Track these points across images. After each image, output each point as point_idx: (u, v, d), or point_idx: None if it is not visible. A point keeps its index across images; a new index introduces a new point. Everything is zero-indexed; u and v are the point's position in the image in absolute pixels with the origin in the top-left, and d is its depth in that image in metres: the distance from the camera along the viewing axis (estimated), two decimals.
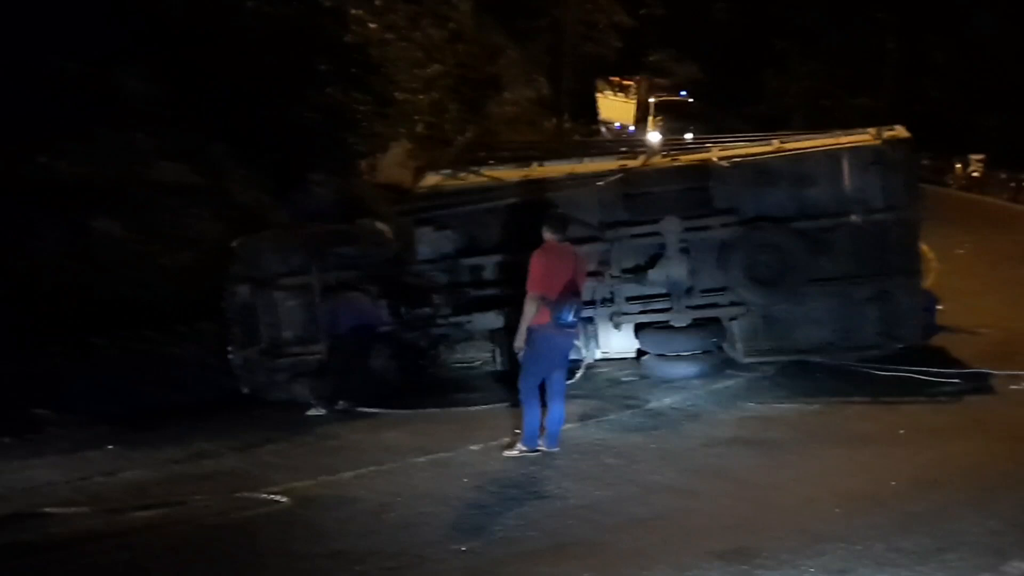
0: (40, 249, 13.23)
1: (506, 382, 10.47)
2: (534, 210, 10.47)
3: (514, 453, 7.86)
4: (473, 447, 8.26)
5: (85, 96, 14.82)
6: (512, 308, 9.99)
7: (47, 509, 7.26)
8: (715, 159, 10.44)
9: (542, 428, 7.86)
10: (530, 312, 7.60)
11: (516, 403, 9.23)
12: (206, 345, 12.14)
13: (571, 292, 7.64)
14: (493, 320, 10.46)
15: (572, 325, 7.70)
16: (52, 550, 6.40)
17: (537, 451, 7.81)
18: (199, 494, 7.39)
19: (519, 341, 7.72)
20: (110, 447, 9.35)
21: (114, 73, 15.23)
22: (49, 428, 10.45)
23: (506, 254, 10.33)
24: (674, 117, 27.64)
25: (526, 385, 7.80)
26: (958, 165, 29.97)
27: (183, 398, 11.28)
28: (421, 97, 19.07)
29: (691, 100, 30.44)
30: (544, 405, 7.85)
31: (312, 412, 10.04)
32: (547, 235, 7.84)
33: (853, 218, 10.04)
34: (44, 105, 14.39)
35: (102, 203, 14.41)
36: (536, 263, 7.66)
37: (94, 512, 7.15)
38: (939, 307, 10.68)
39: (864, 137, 10.38)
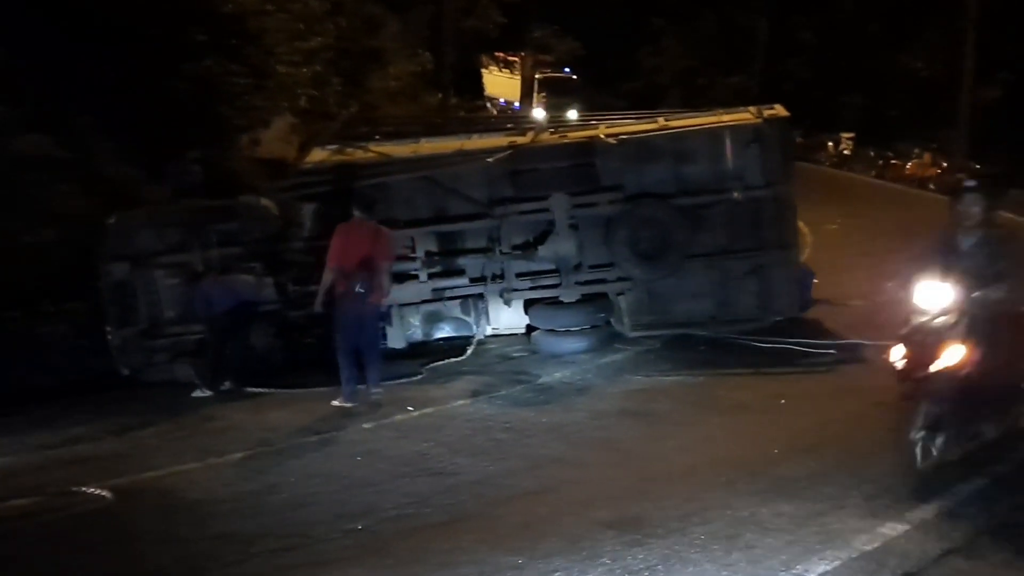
0: None
1: (400, 359, 10.42)
2: (421, 186, 10.47)
3: (336, 403, 8.74)
4: (365, 425, 8.20)
5: None
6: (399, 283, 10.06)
7: None
8: (602, 136, 10.54)
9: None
10: (326, 281, 8.65)
11: (409, 379, 9.32)
12: (76, 325, 11.66)
13: (364, 266, 8.59)
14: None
15: (362, 296, 8.60)
16: None
17: (351, 404, 8.67)
18: (75, 480, 7.11)
19: (317, 304, 8.74)
20: None
21: None
22: None
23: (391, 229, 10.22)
24: (558, 94, 27.72)
25: (338, 349, 8.75)
26: (830, 143, 31.05)
27: (52, 380, 10.82)
28: (303, 70, 18.63)
29: (575, 77, 30.57)
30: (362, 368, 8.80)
31: (196, 394, 9.77)
32: (355, 212, 8.87)
33: (735, 195, 10.28)
34: None
35: None
36: (336, 239, 8.69)
37: None
38: (814, 281, 11.04)
39: (744, 116, 10.64)
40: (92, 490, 6.77)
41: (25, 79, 14.92)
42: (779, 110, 10.68)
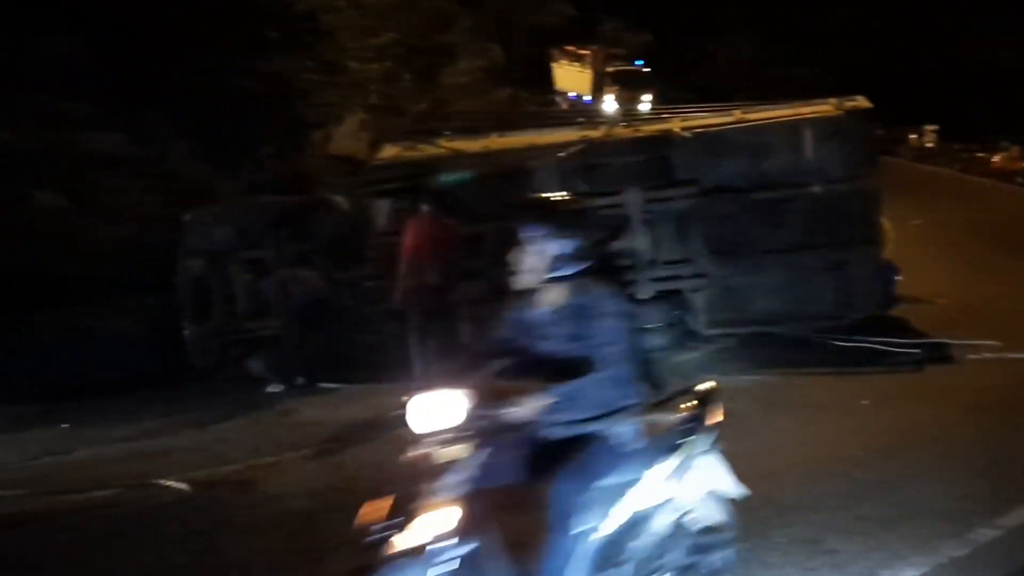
0: None
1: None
2: (495, 182, 10.42)
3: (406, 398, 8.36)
4: None
5: (19, 64, 14.37)
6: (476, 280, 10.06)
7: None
8: (676, 130, 10.38)
9: None
10: (403, 275, 8.87)
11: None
12: (152, 320, 11.89)
13: (437, 260, 8.86)
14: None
15: (440, 287, 8.87)
16: (4, 530, 6.25)
17: None
18: (155, 472, 7.19)
19: (395, 298, 8.98)
20: (64, 425, 9.13)
21: (52, 41, 14.77)
22: None
23: (464, 226, 10.19)
24: (629, 87, 27.43)
25: (411, 338, 8.93)
26: (912, 136, 30.34)
27: (129, 374, 11.04)
28: (374, 66, 18.77)
29: (647, 70, 30.21)
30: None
31: (270, 388, 9.87)
32: (425, 207, 9.10)
33: (815, 189, 10.05)
34: None
35: (39, 174, 14.02)
36: (409, 234, 8.97)
37: (48, 493, 6.96)
38: (897, 277, 10.75)
39: (825, 108, 10.39)
40: (171, 482, 6.85)
41: (102, 79, 15.26)
42: (861, 102, 10.40)
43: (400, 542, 3.15)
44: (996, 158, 26.08)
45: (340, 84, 18.62)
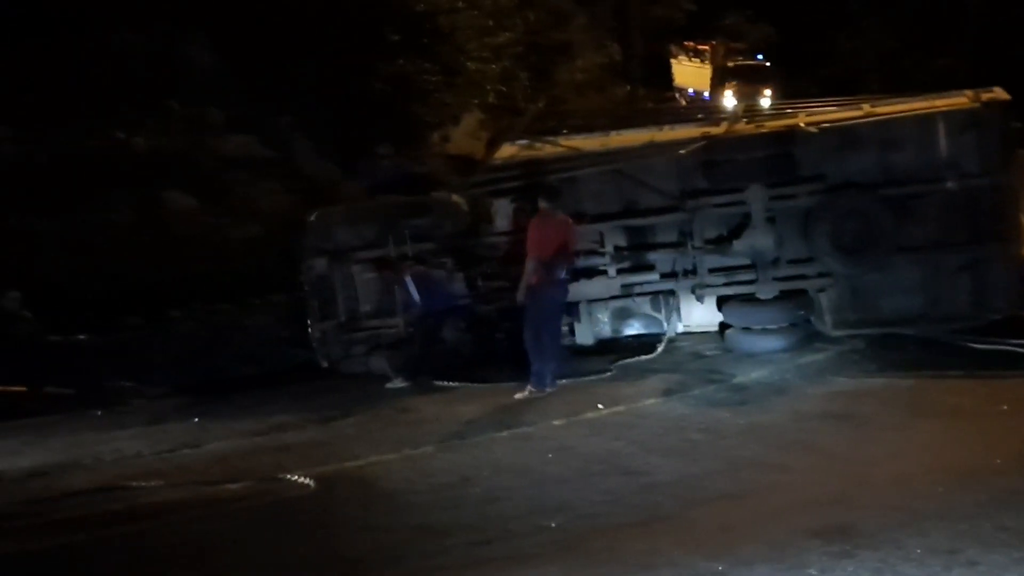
0: (115, 222, 13.46)
1: (588, 355, 10.35)
2: (610, 180, 10.36)
3: (524, 394, 8.98)
4: (556, 422, 8.15)
5: (155, 70, 14.98)
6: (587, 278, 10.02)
7: (136, 482, 7.36)
8: (801, 125, 10.11)
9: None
10: (530, 271, 8.93)
11: (599, 376, 9.29)
12: (279, 317, 12.25)
13: (561, 256, 9.07)
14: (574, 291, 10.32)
15: (563, 281, 9.19)
16: (141, 520, 6.49)
17: (544, 392, 8.96)
18: (281, 467, 7.41)
19: (520, 295, 9.03)
20: (195, 419, 9.48)
21: (182, 46, 15.35)
22: (133, 400, 10.66)
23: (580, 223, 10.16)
24: (750, 82, 26.90)
25: (529, 334, 9.06)
26: None
27: (259, 370, 11.42)
28: (492, 66, 18.89)
29: (767, 64, 29.56)
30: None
31: (391, 385, 10.05)
32: (542, 204, 9.20)
33: (947, 184, 9.65)
34: (116, 79, 14.58)
35: (174, 176, 14.60)
36: (533, 231, 9.03)
37: (181, 484, 7.24)
38: None
39: (960, 100, 9.95)
40: (296, 477, 7.02)
41: (231, 82, 15.81)
42: (999, 93, 9.91)
43: None
44: None
45: (458, 84, 18.80)
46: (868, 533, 5.13)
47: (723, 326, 10.48)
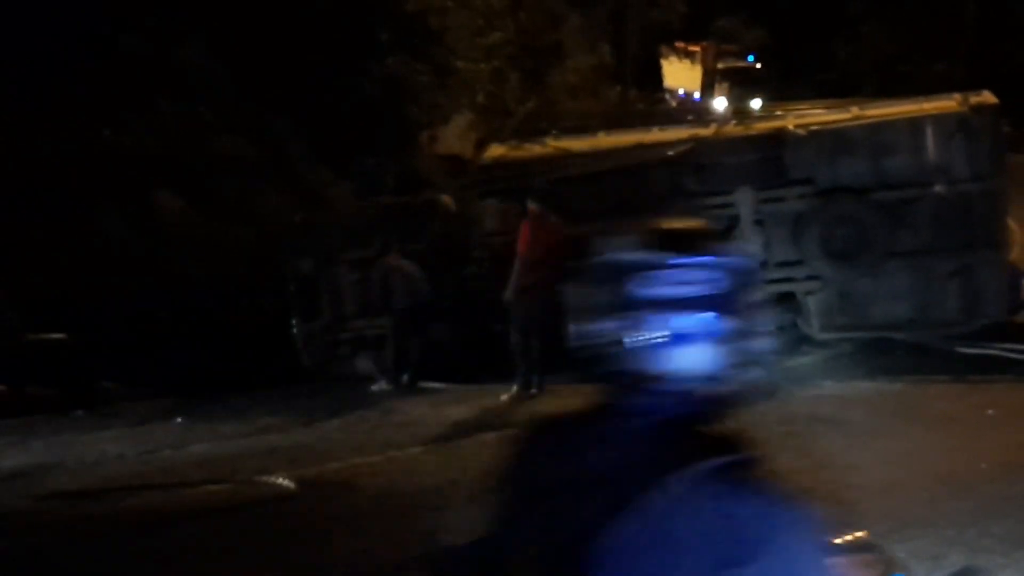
0: (104, 223, 13.38)
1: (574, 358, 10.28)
2: (602, 181, 10.32)
3: (510, 396, 9.06)
4: None
5: (147, 70, 14.90)
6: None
7: (119, 484, 7.29)
8: (791, 127, 10.09)
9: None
10: (519, 273, 8.96)
11: (580, 379, 9.17)
12: (267, 318, 12.19)
13: (551, 257, 8.82)
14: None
15: (552, 284, 8.69)
16: (125, 526, 6.42)
17: (531, 394, 8.98)
18: (265, 469, 7.34)
19: (508, 296, 9.04)
20: (178, 420, 9.41)
21: (174, 47, 15.27)
22: (117, 401, 10.59)
23: (573, 225, 10.13)
24: (740, 84, 26.88)
25: (516, 336, 9.08)
26: None
27: (245, 372, 11.33)
28: (482, 66, 18.80)
29: (758, 66, 29.55)
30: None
31: (375, 387, 9.98)
32: (531, 206, 9.16)
33: (937, 188, 9.64)
34: (107, 79, 14.50)
35: (165, 177, 14.52)
36: (523, 232, 9.07)
37: (165, 487, 7.17)
38: None
39: (948, 104, 9.95)
40: (278, 479, 6.97)
41: (224, 82, 15.72)
42: (987, 97, 9.92)
43: None
44: None
45: (448, 85, 18.71)
46: None
47: None
